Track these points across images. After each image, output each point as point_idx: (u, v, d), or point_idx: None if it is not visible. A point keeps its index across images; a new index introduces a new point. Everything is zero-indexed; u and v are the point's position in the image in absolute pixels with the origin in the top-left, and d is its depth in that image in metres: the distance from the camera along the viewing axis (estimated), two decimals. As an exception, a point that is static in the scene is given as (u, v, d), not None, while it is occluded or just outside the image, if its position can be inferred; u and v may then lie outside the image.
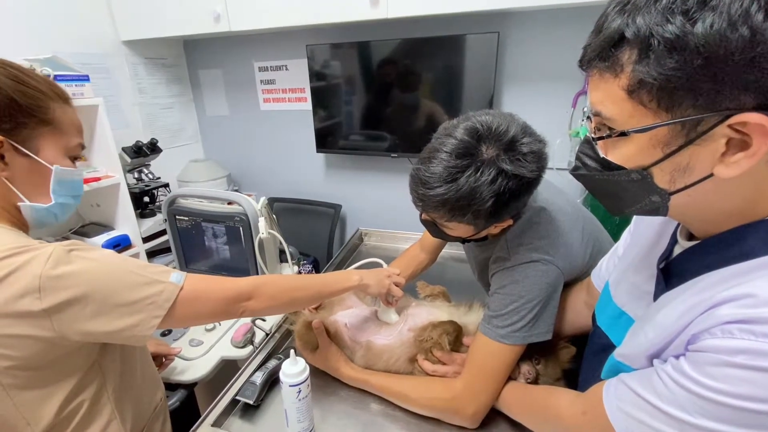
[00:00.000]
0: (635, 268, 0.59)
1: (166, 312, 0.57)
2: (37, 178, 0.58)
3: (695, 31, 0.33)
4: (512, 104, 1.59)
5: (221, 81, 2.04)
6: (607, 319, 0.62)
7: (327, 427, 0.78)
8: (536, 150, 0.63)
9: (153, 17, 1.63)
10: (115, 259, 0.57)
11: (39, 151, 0.57)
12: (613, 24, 0.37)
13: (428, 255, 1.12)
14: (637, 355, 0.48)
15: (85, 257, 0.53)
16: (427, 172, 0.64)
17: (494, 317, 0.73)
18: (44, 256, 0.51)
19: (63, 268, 0.51)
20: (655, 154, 0.39)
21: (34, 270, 0.50)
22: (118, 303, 0.54)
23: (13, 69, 0.56)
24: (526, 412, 0.70)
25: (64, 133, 0.59)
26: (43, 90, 0.57)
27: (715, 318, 0.38)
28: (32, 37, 1.45)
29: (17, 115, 0.54)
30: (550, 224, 0.75)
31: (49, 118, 0.57)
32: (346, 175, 1.99)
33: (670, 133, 0.37)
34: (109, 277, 0.54)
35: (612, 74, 0.38)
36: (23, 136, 0.55)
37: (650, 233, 0.58)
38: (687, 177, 0.39)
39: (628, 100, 0.38)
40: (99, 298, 0.53)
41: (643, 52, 0.35)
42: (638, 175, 0.41)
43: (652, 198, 0.42)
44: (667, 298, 0.47)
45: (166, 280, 0.58)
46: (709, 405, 0.37)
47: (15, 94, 0.54)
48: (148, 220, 1.68)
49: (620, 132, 0.40)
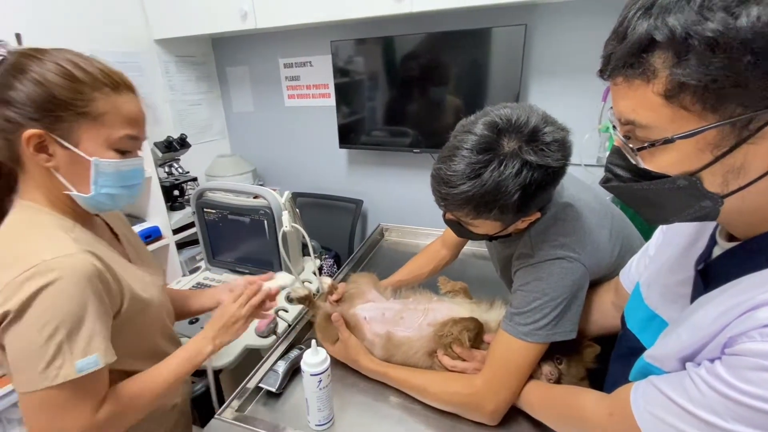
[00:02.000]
0: (669, 269, 0.56)
1: (38, 389, 0.54)
2: (78, 168, 0.60)
3: (739, 25, 0.30)
4: (539, 98, 1.55)
5: (248, 78, 2.08)
6: (639, 322, 0.60)
7: (346, 417, 0.79)
8: (559, 138, 0.61)
9: (183, 16, 1.68)
10: (52, 302, 0.54)
11: (79, 143, 0.58)
12: (640, 28, 0.35)
13: (450, 251, 1.11)
14: (669, 357, 0.47)
15: (44, 290, 0.53)
16: (449, 171, 0.63)
17: (517, 314, 0.72)
18: (25, 264, 0.53)
19: (23, 285, 0.53)
20: (704, 158, 0.36)
21: (8, 273, 0.53)
22: (23, 347, 0.54)
23: (68, 64, 0.57)
24: (549, 411, 0.69)
25: (106, 125, 0.59)
26: (89, 82, 0.57)
27: (754, 320, 0.36)
28: (73, 37, 1.53)
29: (55, 110, 0.56)
30: (576, 221, 0.73)
31: (87, 111, 0.57)
32: (369, 171, 1.99)
33: (719, 135, 0.35)
34: (30, 317, 0.53)
35: (643, 80, 0.36)
36: (63, 129, 0.57)
37: (686, 233, 0.56)
38: (742, 178, 0.36)
39: (666, 105, 0.35)
40: (16, 330, 0.53)
41: (680, 54, 0.33)
42: (685, 181, 0.38)
43: (702, 204, 0.39)
44: (704, 300, 0.45)
45: (71, 360, 0.55)
46: (744, 410, 0.36)
47: (55, 89, 0.55)
48: (177, 212, 1.75)
49: (665, 139, 0.37)
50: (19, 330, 0.53)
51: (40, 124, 0.55)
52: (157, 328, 0.76)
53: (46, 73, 0.55)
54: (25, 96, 0.55)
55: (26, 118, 0.55)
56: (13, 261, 0.54)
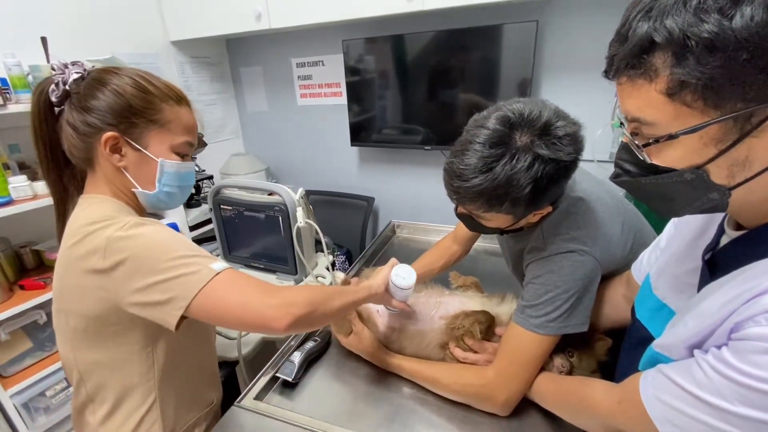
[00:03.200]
0: (678, 260, 0.57)
1: (194, 296, 0.57)
2: (145, 168, 0.68)
3: (734, 26, 0.32)
4: (551, 95, 1.55)
5: (261, 78, 2.12)
6: (647, 312, 0.60)
7: (360, 408, 0.81)
8: (571, 132, 0.62)
9: (199, 18, 1.72)
10: (165, 235, 0.62)
11: (148, 146, 0.67)
12: (640, 30, 0.36)
13: (461, 247, 1.12)
14: (677, 346, 0.47)
15: (141, 231, 0.61)
16: (462, 164, 0.64)
17: (528, 307, 0.73)
18: (119, 224, 0.60)
19: (125, 233, 0.59)
20: (708, 152, 0.37)
21: (106, 233, 0.59)
22: (155, 274, 0.58)
23: (140, 79, 0.66)
24: (560, 401, 0.70)
25: (171, 131, 0.68)
26: (158, 94, 0.66)
27: (760, 306, 0.37)
28: (94, 40, 1.58)
29: (131, 117, 0.64)
30: (588, 215, 0.74)
31: (157, 119, 0.66)
32: (380, 168, 2.01)
33: (722, 129, 0.36)
34: (154, 248, 0.60)
35: (646, 80, 0.37)
36: (136, 134, 0.65)
37: (695, 224, 0.56)
38: (747, 170, 0.37)
39: (669, 102, 0.37)
40: (140, 265, 0.58)
41: (679, 54, 0.34)
42: (692, 174, 0.39)
43: (710, 196, 0.40)
44: (711, 288, 0.46)
45: (206, 264, 0.60)
46: (750, 393, 0.36)
47: (132, 99, 0.64)
48: (194, 210, 1.79)
49: (668, 135, 0.38)
50: (148, 265, 0.58)
51: (116, 128, 0.64)
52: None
53: (124, 86, 0.64)
54: (106, 104, 0.63)
55: (105, 123, 0.63)
56: (107, 224, 0.61)
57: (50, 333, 1.38)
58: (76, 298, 0.63)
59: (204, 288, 0.58)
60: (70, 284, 0.64)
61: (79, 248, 0.61)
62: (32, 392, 1.31)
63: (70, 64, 0.65)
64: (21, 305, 1.25)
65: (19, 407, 1.28)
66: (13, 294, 1.30)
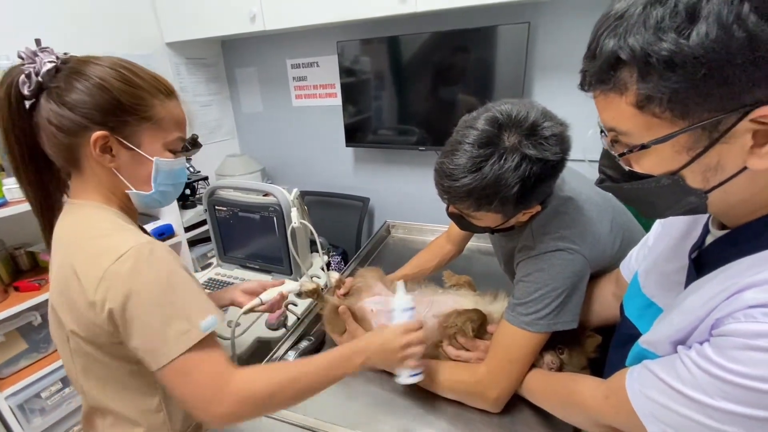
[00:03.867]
0: (666, 258, 0.58)
1: (176, 355, 0.56)
2: (140, 168, 0.64)
3: (691, 43, 0.33)
4: (543, 95, 1.56)
5: (256, 79, 2.13)
6: (636, 310, 0.61)
7: (354, 406, 0.82)
8: (558, 133, 0.64)
9: (194, 19, 1.72)
10: (168, 278, 0.58)
11: (141, 145, 0.62)
12: (606, 47, 0.38)
13: (454, 246, 1.13)
14: (662, 342, 0.48)
15: (142, 271, 0.56)
16: (452, 164, 0.66)
17: (519, 305, 0.74)
18: (117, 252, 0.56)
19: (123, 267, 0.55)
20: (681, 158, 0.39)
21: (103, 263, 0.55)
22: (147, 326, 0.56)
23: (125, 70, 0.61)
24: (549, 398, 0.71)
25: (163, 128, 0.64)
26: (147, 88, 0.62)
27: (739, 302, 0.38)
28: (89, 41, 1.58)
29: (121, 114, 0.59)
30: (577, 214, 0.75)
31: (149, 115, 0.62)
32: (375, 169, 2.02)
33: (692, 138, 0.37)
34: (153, 295, 0.56)
35: (617, 94, 0.39)
36: (127, 132, 0.61)
37: (681, 223, 0.58)
38: (720, 174, 0.39)
39: (640, 114, 0.38)
40: (134, 311, 0.55)
41: (643, 70, 0.36)
42: (669, 180, 0.41)
43: (688, 199, 0.42)
44: (695, 285, 0.47)
45: (195, 323, 0.57)
46: (730, 388, 0.37)
47: (121, 95, 0.59)
48: (189, 211, 1.79)
49: (641, 145, 0.40)
50: (135, 314, 0.55)
51: (105, 127, 0.59)
52: None
53: (109, 80, 0.59)
54: (92, 101, 0.58)
55: (92, 122, 0.58)
56: (104, 252, 0.57)
57: (45, 334, 1.38)
58: (76, 319, 0.60)
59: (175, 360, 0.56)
60: (67, 301, 0.60)
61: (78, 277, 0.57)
62: (27, 394, 1.31)
63: (39, 51, 0.58)
64: (16, 306, 1.25)
65: (15, 409, 1.28)
66: (8, 295, 1.30)
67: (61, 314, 0.62)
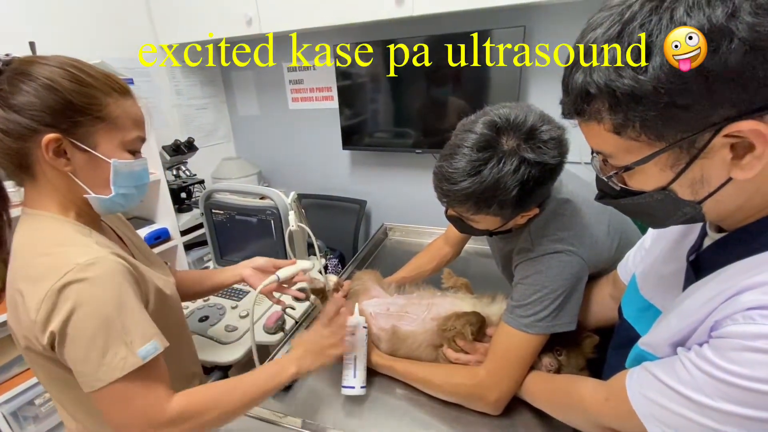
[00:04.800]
0: (663, 261, 0.59)
1: (111, 380, 0.55)
2: (97, 171, 0.61)
3: (649, 77, 0.35)
4: (539, 98, 1.57)
5: (252, 82, 2.12)
6: (634, 312, 0.62)
7: (353, 410, 0.82)
8: (556, 136, 0.64)
9: (189, 22, 1.72)
10: (111, 299, 0.56)
11: (97, 146, 0.60)
12: (577, 82, 0.40)
13: (452, 248, 1.14)
14: (661, 344, 0.49)
15: (84, 292, 0.54)
16: (450, 168, 0.66)
17: (517, 307, 0.74)
18: (59, 272, 0.54)
19: (65, 287, 0.54)
20: (667, 175, 0.41)
21: (45, 283, 0.54)
22: (82, 350, 0.55)
23: (74, 70, 0.58)
24: (549, 399, 0.71)
25: (120, 127, 0.61)
26: (100, 87, 0.59)
27: (738, 304, 0.39)
28: (82, 44, 1.57)
29: (73, 115, 0.57)
30: (574, 216, 0.76)
31: (103, 115, 0.59)
32: (371, 172, 2.02)
33: (672, 156, 0.39)
34: (92, 316, 0.55)
35: (595, 122, 0.41)
36: (81, 133, 0.58)
37: (678, 226, 0.58)
38: (707, 187, 0.40)
39: (619, 139, 0.40)
40: (72, 332, 0.54)
41: (612, 103, 0.38)
42: (661, 195, 0.43)
43: (683, 210, 0.43)
44: (693, 288, 0.48)
45: (133, 348, 0.56)
46: (729, 389, 0.38)
47: (71, 95, 0.56)
48: (185, 214, 1.78)
49: (625, 167, 0.42)
50: (74, 335, 0.54)
51: (56, 129, 0.56)
52: (176, 325, 0.77)
53: (58, 79, 0.56)
54: (40, 102, 0.55)
55: (42, 124, 0.56)
56: (46, 271, 0.55)
57: (39, 341, 1.36)
58: (25, 336, 0.59)
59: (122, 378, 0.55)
60: (16, 319, 0.60)
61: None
62: (21, 401, 1.29)
63: None
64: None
65: (8, 416, 1.26)
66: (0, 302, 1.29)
67: (12, 326, 0.60)
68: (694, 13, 0.33)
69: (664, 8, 0.35)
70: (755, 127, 0.35)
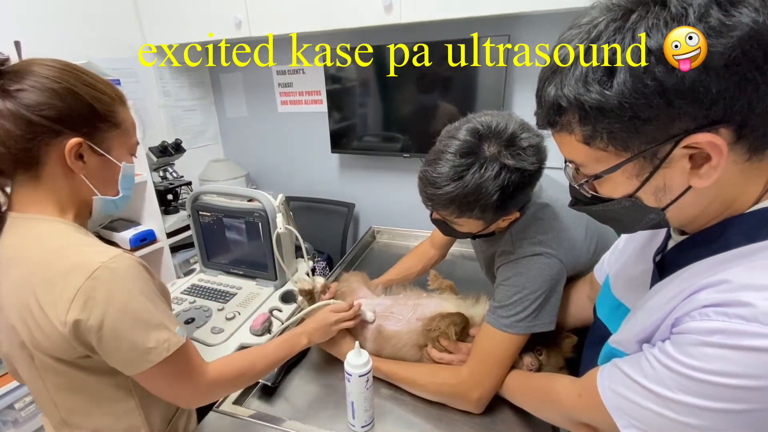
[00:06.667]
0: (633, 262, 0.62)
1: (160, 360, 0.59)
2: (108, 174, 0.65)
3: (614, 92, 0.38)
4: (523, 105, 1.61)
5: (241, 84, 2.12)
6: (607, 311, 0.65)
7: (339, 410, 0.83)
8: (535, 144, 0.67)
9: (177, 24, 1.71)
10: (141, 290, 0.59)
11: (110, 150, 0.64)
12: (549, 95, 0.43)
13: (438, 251, 1.16)
14: (630, 341, 0.52)
15: (115, 286, 0.56)
16: (435, 173, 0.68)
17: (499, 308, 0.76)
18: (87, 269, 0.55)
19: (96, 284, 0.55)
20: (633, 183, 0.44)
21: (74, 282, 0.54)
22: (126, 338, 0.57)
23: (84, 74, 0.61)
24: (528, 397, 0.74)
25: (128, 133, 0.66)
26: (111, 95, 0.63)
27: (695, 302, 0.42)
28: (70, 44, 1.56)
29: (95, 120, 0.61)
30: (553, 220, 0.79)
31: (117, 121, 0.64)
32: (360, 175, 2.04)
33: (637, 166, 0.42)
34: (129, 309, 0.57)
35: (566, 133, 0.44)
36: (98, 138, 0.62)
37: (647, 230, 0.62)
38: (669, 194, 0.44)
39: (589, 149, 0.44)
40: (114, 325, 0.56)
41: (581, 115, 0.41)
42: (628, 202, 0.46)
43: (649, 216, 0.47)
44: (658, 287, 0.51)
45: (173, 329, 0.61)
46: (688, 382, 0.41)
47: (93, 101, 0.60)
48: (171, 216, 1.77)
49: (594, 176, 0.46)
50: (116, 327, 0.56)
51: (78, 133, 0.59)
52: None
53: (78, 85, 0.59)
54: (64, 106, 0.57)
55: (66, 128, 0.58)
56: (70, 271, 0.55)
57: (19, 344, 1.33)
58: (41, 339, 0.58)
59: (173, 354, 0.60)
60: (29, 322, 0.58)
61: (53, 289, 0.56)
62: (0, 405, 1.26)
63: None
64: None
65: (-15, 421, 1.24)
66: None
67: (23, 335, 0.59)
68: (653, 34, 0.36)
69: (626, 28, 0.37)
70: (711, 140, 0.38)
